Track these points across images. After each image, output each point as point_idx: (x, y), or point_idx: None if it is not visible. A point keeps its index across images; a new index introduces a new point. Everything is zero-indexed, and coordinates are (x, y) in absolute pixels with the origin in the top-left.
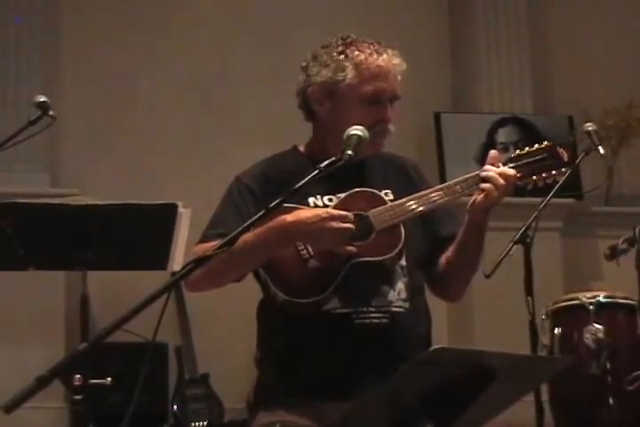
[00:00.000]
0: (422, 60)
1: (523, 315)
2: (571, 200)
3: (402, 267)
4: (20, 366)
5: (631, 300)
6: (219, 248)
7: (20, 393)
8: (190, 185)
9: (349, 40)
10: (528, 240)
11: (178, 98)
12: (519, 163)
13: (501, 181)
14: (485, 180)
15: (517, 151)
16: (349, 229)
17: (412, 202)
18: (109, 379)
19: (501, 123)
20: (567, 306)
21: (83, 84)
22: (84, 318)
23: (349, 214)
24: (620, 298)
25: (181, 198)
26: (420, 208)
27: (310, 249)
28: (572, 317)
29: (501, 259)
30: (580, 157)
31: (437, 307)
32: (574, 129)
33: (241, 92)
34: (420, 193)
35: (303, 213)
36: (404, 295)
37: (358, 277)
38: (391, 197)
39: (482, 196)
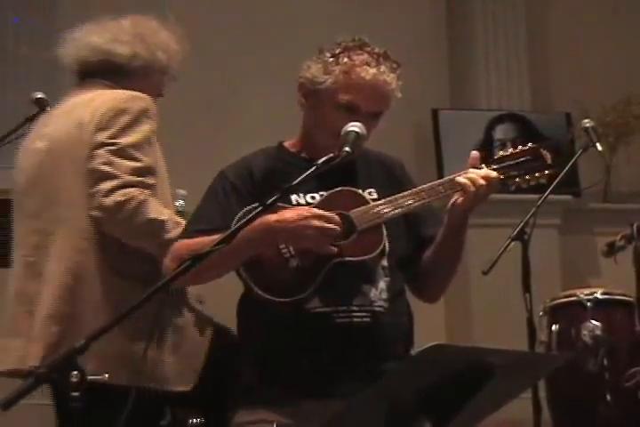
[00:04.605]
0: (420, 57)
1: (520, 312)
2: (568, 197)
3: (383, 267)
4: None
5: (629, 297)
6: (216, 245)
7: (18, 390)
8: (189, 183)
9: (352, 45)
10: (526, 237)
11: (177, 96)
12: (502, 164)
13: (482, 182)
14: (467, 181)
15: (501, 153)
16: (334, 229)
17: (394, 202)
18: (107, 376)
19: (499, 120)
20: (565, 303)
21: None
22: None
23: (335, 216)
24: (617, 295)
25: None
26: (402, 209)
27: (292, 248)
28: (569, 313)
29: (499, 256)
30: (577, 154)
31: (435, 304)
32: (572, 126)
33: (242, 90)
34: (403, 193)
35: (287, 213)
36: (385, 295)
37: (340, 276)
38: (375, 196)
39: (462, 197)
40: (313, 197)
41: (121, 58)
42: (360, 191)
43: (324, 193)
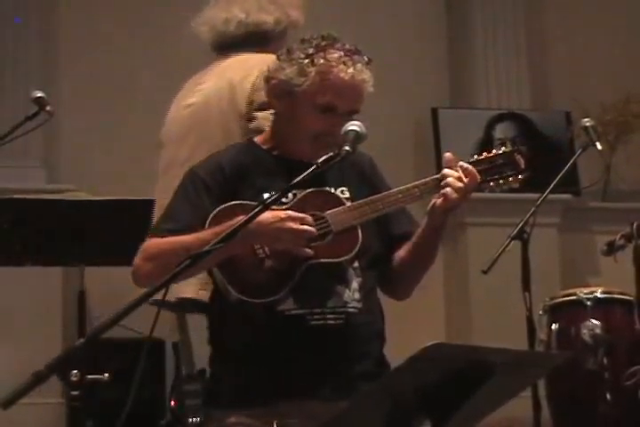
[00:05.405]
0: (419, 55)
1: (520, 310)
2: (568, 196)
3: (354, 268)
4: (18, 361)
5: (628, 295)
6: (215, 244)
7: (18, 389)
8: None
9: (324, 44)
10: (525, 236)
11: (177, 94)
12: (477, 168)
13: (460, 184)
14: (445, 184)
15: (476, 156)
16: (309, 231)
17: (370, 204)
18: (106, 375)
19: (499, 119)
20: (565, 302)
21: (80, 81)
22: (82, 314)
23: (308, 217)
24: (617, 294)
25: None
26: (379, 211)
27: (267, 249)
28: (569, 312)
29: (499, 255)
30: (577, 153)
31: (435, 303)
32: (572, 125)
33: None
34: (379, 195)
35: (263, 215)
36: (357, 296)
37: (314, 277)
38: (347, 195)
39: (441, 199)
40: (285, 196)
41: (266, 26)
42: (334, 191)
43: (297, 192)
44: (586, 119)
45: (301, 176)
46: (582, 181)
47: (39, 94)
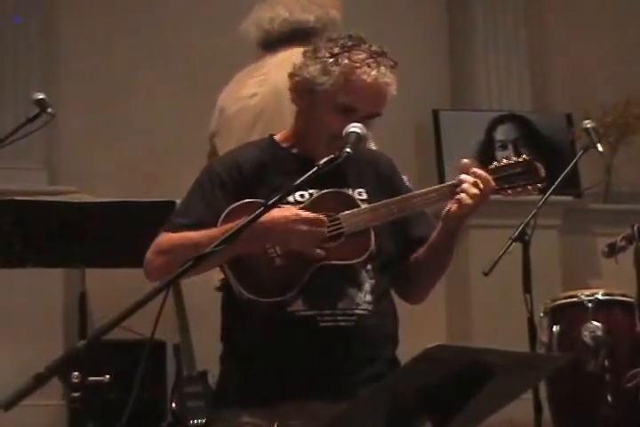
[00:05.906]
0: (421, 57)
1: (521, 312)
2: (569, 198)
3: (367, 270)
4: (19, 363)
5: (629, 297)
6: (217, 245)
7: (19, 390)
8: (189, 182)
9: (350, 44)
10: (527, 238)
11: (177, 95)
12: (496, 175)
13: (476, 190)
14: (461, 190)
15: (495, 163)
16: (321, 232)
17: (385, 207)
18: (108, 376)
19: (500, 120)
20: (566, 303)
21: (81, 82)
22: (83, 316)
23: (322, 218)
24: (618, 295)
25: (180, 196)
26: (393, 215)
27: (278, 248)
28: (570, 314)
29: (500, 256)
30: (578, 155)
31: (436, 304)
32: (573, 126)
33: None
34: (395, 199)
35: (275, 214)
36: (369, 298)
37: (325, 278)
38: (365, 196)
39: (456, 205)
40: (302, 195)
41: (308, 24)
42: (350, 193)
43: (313, 191)
44: (587, 121)
45: (302, 178)
46: (583, 182)
47: (40, 96)
